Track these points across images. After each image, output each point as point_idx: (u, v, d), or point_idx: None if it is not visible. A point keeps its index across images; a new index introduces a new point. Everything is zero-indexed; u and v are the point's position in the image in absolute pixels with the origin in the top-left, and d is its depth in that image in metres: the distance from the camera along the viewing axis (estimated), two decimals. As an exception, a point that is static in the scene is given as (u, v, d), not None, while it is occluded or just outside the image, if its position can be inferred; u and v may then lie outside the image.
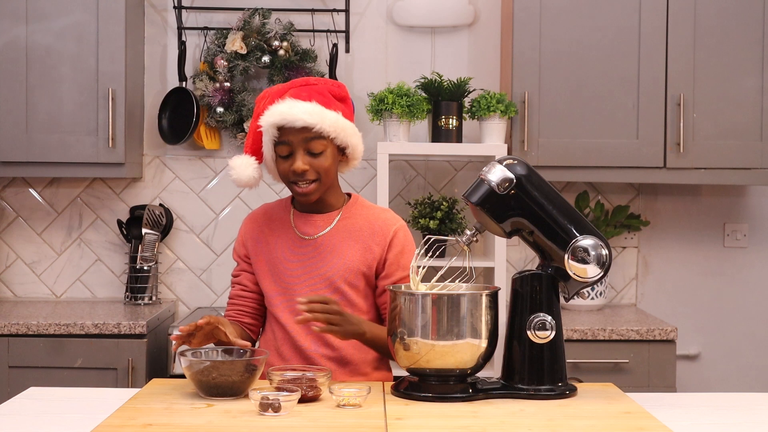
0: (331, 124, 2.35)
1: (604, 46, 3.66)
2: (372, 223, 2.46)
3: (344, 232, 2.45)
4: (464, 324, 2.12)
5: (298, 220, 2.48)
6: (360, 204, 2.52)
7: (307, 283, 2.43)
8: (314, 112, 2.33)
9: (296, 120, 2.32)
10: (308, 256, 2.43)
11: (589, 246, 2.16)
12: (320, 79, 2.47)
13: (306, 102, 2.34)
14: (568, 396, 2.19)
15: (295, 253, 2.45)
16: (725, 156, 3.67)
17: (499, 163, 2.19)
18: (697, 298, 4.11)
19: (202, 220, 4.04)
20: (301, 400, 2.11)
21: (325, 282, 2.41)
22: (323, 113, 2.34)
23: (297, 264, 2.44)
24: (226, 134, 4.00)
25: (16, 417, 2.09)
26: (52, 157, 3.65)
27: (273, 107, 2.36)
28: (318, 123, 2.33)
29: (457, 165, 4.03)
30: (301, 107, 2.33)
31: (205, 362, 2.12)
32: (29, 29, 3.63)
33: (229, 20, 3.97)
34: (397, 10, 4.00)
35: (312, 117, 2.32)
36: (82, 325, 3.42)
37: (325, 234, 2.45)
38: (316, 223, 2.46)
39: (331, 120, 2.35)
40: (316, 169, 2.37)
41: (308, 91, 2.38)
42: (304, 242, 2.45)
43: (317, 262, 2.43)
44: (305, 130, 2.34)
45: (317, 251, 2.43)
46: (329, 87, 2.43)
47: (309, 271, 2.43)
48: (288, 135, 2.35)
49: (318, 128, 2.33)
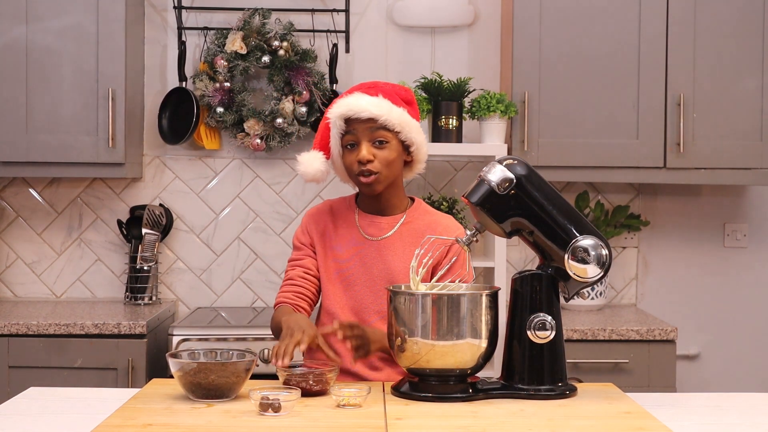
0: (397, 117, 2.40)
1: (605, 46, 3.67)
2: (434, 229, 2.49)
3: (407, 235, 2.48)
4: (464, 324, 2.12)
5: (363, 220, 2.51)
6: (423, 209, 2.56)
7: (367, 283, 2.45)
8: (381, 105, 2.39)
9: (362, 111, 2.38)
10: (370, 257, 2.47)
11: (589, 246, 2.16)
12: (388, 83, 2.52)
13: (373, 96, 2.41)
14: (568, 396, 2.19)
15: (358, 253, 2.48)
16: (725, 156, 3.67)
17: (499, 163, 2.19)
18: (697, 298, 4.11)
19: (202, 220, 4.04)
20: (307, 394, 2.13)
21: (386, 283, 2.43)
22: (390, 107, 2.40)
23: (359, 264, 2.47)
24: (226, 134, 4.00)
25: (16, 417, 2.09)
26: (52, 157, 3.65)
27: (341, 100, 2.42)
28: (384, 114, 2.38)
29: (457, 165, 4.03)
30: (368, 100, 2.40)
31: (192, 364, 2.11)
32: (29, 29, 3.63)
33: (229, 20, 3.97)
34: (397, 10, 4.00)
35: (379, 108, 2.38)
36: (82, 325, 3.42)
37: (388, 237, 2.48)
38: (381, 225, 2.49)
39: (397, 114, 2.40)
40: (381, 161, 2.40)
41: (376, 89, 2.44)
42: (367, 242, 2.48)
43: (377, 262, 2.46)
44: (371, 121, 2.39)
45: (379, 252, 2.46)
46: (396, 89, 2.49)
47: (370, 271, 2.46)
48: (354, 125, 2.40)
49: (384, 119, 2.38)
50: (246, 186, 4.03)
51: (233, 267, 4.03)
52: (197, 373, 2.08)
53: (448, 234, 2.48)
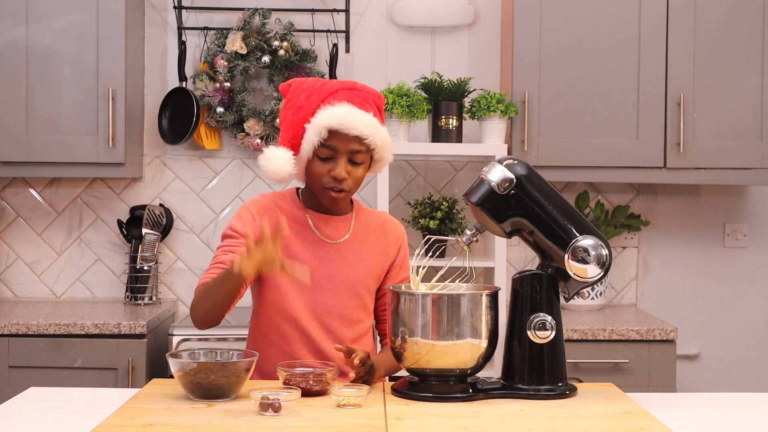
0: (381, 139, 2.35)
1: (604, 46, 3.67)
2: (382, 227, 2.48)
3: (362, 236, 2.45)
4: (464, 324, 2.12)
5: (317, 221, 2.43)
6: (362, 206, 2.53)
7: (329, 287, 2.40)
8: (371, 124, 2.32)
9: (353, 128, 2.30)
10: (331, 260, 2.41)
11: (589, 246, 2.16)
12: (364, 86, 2.42)
13: (364, 111, 2.33)
14: (568, 396, 2.19)
15: (317, 256, 2.40)
16: (725, 156, 3.67)
17: (499, 163, 2.19)
18: (697, 298, 4.11)
19: (202, 220, 4.04)
20: (307, 394, 2.13)
21: (347, 286, 2.40)
22: (377, 127, 2.34)
23: (319, 267, 2.39)
24: (226, 134, 4.00)
25: (16, 417, 2.09)
26: (52, 157, 3.65)
27: (331, 109, 2.31)
28: (371, 136, 2.32)
29: (457, 165, 4.03)
30: (360, 117, 2.31)
31: (192, 364, 2.11)
32: (29, 29, 3.63)
33: (229, 20, 3.97)
34: (397, 10, 4.00)
35: (368, 129, 2.31)
36: (82, 325, 3.42)
37: (347, 239, 2.44)
38: (336, 226, 2.44)
39: (381, 135, 2.35)
40: (353, 179, 2.36)
41: (360, 98, 2.35)
42: (326, 246, 2.42)
43: (340, 266, 2.41)
44: (357, 140, 2.32)
45: (340, 255, 2.41)
46: (374, 97, 2.40)
47: (331, 275, 2.40)
48: (337, 140, 2.32)
49: (370, 141, 2.32)
50: (246, 186, 4.03)
51: (233, 267, 4.02)
52: (197, 373, 2.08)
53: (396, 230, 2.50)
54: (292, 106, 2.37)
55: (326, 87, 2.36)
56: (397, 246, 2.49)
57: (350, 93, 2.35)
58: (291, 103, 2.38)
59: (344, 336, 2.41)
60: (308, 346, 2.39)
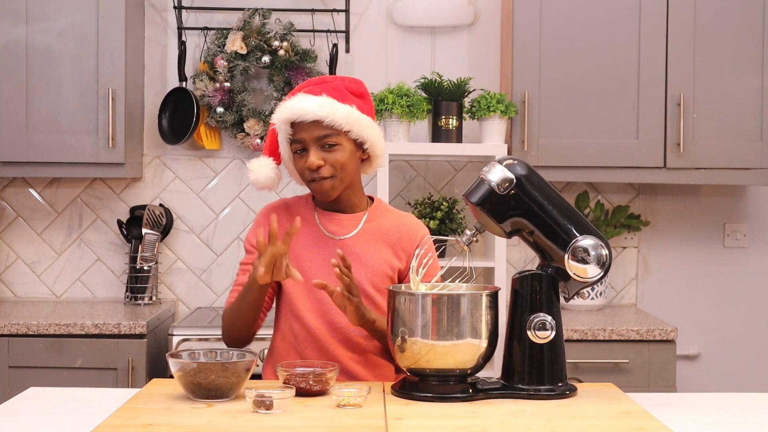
0: (342, 116, 2.31)
1: (604, 46, 3.67)
2: (399, 228, 2.45)
3: (371, 234, 2.43)
4: (464, 324, 2.12)
5: (323, 218, 2.44)
6: (384, 207, 2.50)
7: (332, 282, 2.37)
8: (325, 105, 2.31)
9: (306, 113, 2.30)
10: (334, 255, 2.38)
11: (589, 246, 2.16)
12: (337, 76, 2.44)
13: (317, 96, 2.33)
14: (568, 396, 2.19)
15: (321, 252, 2.41)
16: (725, 156, 3.67)
17: (499, 163, 2.19)
18: (697, 298, 4.11)
19: (202, 220, 4.04)
20: (307, 394, 2.13)
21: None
22: (335, 105, 2.31)
23: (323, 263, 2.39)
24: (226, 134, 4.00)
25: (16, 417, 2.09)
26: (52, 157, 3.65)
27: (284, 104, 2.35)
28: (329, 115, 2.30)
29: (457, 165, 4.03)
30: (311, 101, 2.31)
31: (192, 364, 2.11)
32: (29, 29, 3.63)
33: (229, 20, 3.97)
34: (397, 10, 4.00)
35: (322, 110, 2.30)
36: (82, 325, 3.42)
37: (353, 236, 2.42)
38: (342, 223, 2.43)
39: (342, 112, 2.31)
40: (332, 164, 2.33)
41: (321, 87, 2.36)
42: (331, 242, 2.41)
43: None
44: (317, 123, 2.31)
45: (346, 252, 2.38)
46: (345, 83, 2.39)
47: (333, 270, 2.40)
48: (300, 131, 2.33)
49: (329, 120, 2.30)
50: (246, 186, 4.03)
51: (233, 267, 4.03)
52: (197, 373, 2.08)
53: (414, 232, 2.46)
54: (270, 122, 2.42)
55: (295, 90, 2.40)
56: (412, 248, 2.44)
57: (312, 87, 2.37)
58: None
59: (351, 335, 2.40)
60: (315, 344, 2.39)
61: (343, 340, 2.40)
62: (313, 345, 2.40)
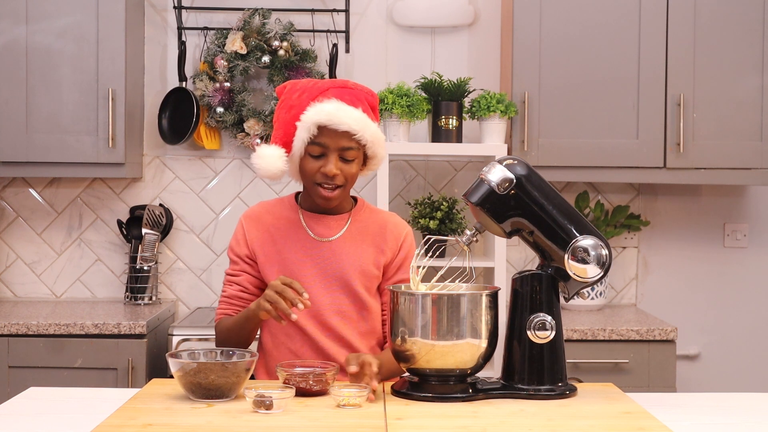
0: (371, 135, 2.35)
1: (604, 46, 3.67)
2: (383, 227, 2.47)
3: (357, 234, 2.45)
4: (464, 324, 2.12)
5: (309, 220, 2.46)
6: (367, 207, 2.52)
7: (323, 284, 2.41)
8: (360, 120, 2.32)
9: (342, 124, 2.31)
10: (323, 258, 2.42)
11: (589, 246, 2.16)
12: (357, 84, 2.43)
13: (352, 107, 2.33)
14: (568, 396, 2.19)
15: (309, 254, 2.42)
16: (725, 156, 3.67)
17: (499, 163, 2.19)
18: (697, 298, 4.11)
19: (202, 220, 4.04)
20: (307, 394, 2.13)
21: (340, 283, 2.41)
22: (367, 122, 2.34)
23: (311, 266, 2.42)
24: (226, 134, 4.00)
25: (16, 417, 2.09)
26: (52, 157, 3.65)
27: (320, 105, 2.32)
28: (361, 131, 2.32)
29: (457, 165, 4.03)
30: (349, 112, 2.32)
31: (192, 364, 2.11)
32: (29, 29, 3.63)
33: (229, 20, 3.97)
34: (397, 10, 4.00)
35: (357, 124, 2.32)
36: (82, 325, 3.42)
37: (339, 237, 2.44)
38: (329, 225, 2.45)
39: (372, 131, 2.35)
40: (346, 175, 2.37)
41: (351, 96, 2.36)
42: (318, 244, 2.43)
43: (332, 263, 2.42)
44: (346, 135, 2.33)
45: (333, 253, 2.42)
46: (366, 95, 2.40)
47: (324, 272, 2.42)
48: (327, 136, 2.33)
49: (360, 136, 2.33)
50: (246, 186, 4.03)
51: (233, 267, 4.02)
52: (197, 373, 2.08)
53: (398, 230, 2.46)
54: (285, 105, 2.40)
55: (318, 86, 2.39)
56: (396, 246, 2.47)
57: (341, 91, 2.37)
58: (284, 102, 2.41)
59: (344, 334, 2.41)
60: (309, 344, 2.41)
61: (336, 339, 2.42)
62: (307, 344, 2.42)
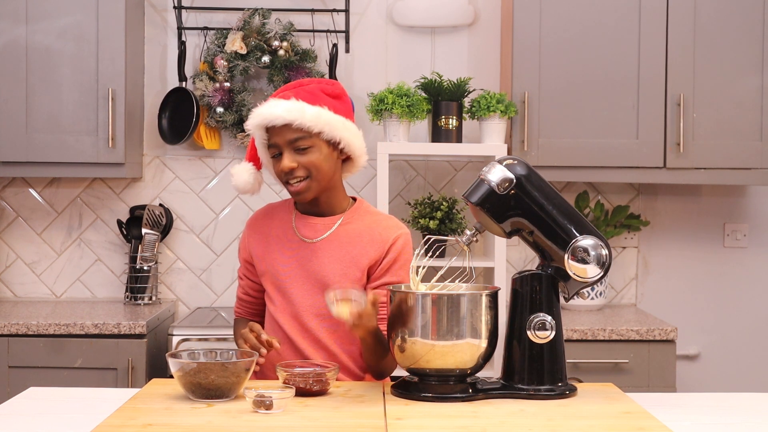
0: (311, 118, 2.33)
1: (604, 46, 3.67)
2: (372, 229, 2.43)
3: (344, 236, 2.42)
4: (464, 324, 2.12)
5: (299, 221, 2.47)
6: (364, 209, 2.49)
7: (305, 286, 2.41)
8: (293, 109, 2.33)
9: (275, 118, 2.33)
10: (306, 259, 2.42)
11: (589, 246, 2.16)
12: (314, 79, 2.47)
13: (286, 100, 2.35)
14: (568, 396, 2.19)
15: (292, 255, 2.44)
16: (725, 156, 3.67)
17: (499, 163, 2.19)
18: (697, 298, 4.11)
19: (202, 220, 4.04)
20: (307, 393, 2.14)
21: (322, 286, 2.39)
22: (303, 108, 2.33)
23: (293, 265, 2.43)
24: (226, 134, 4.00)
25: (16, 417, 2.10)
26: (52, 157, 3.65)
27: (256, 110, 2.39)
28: (297, 118, 2.32)
29: (457, 165, 4.03)
30: (280, 105, 2.34)
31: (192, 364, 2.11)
32: (29, 29, 3.63)
33: (229, 20, 3.97)
34: (397, 10, 4.00)
35: (290, 113, 2.32)
36: (82, 325, 3.42)
37: (323, 239, 2.43)
38: (316, 227, 2.44)
39: (311, 114, 2.33)
40: (305, 166, 2.35)
41: (295, 91, 2.38)
42: (303, 245, 2.43)
43: (314, 265, 2.41)
44: (287, 127, 2.34)
45: (314, 254, 2.41)
46: (321, 86, 2.42)
47: (306, 274, 2.41)
48: (274, 135, 2.37)
49: (298, 123, 2.32)
50: (246, 186, 4.03)
51: (233, 267, 4.03)
52: (197, 373, 2.08)
53: (389, 233, 2.42)
54: None
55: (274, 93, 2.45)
56: (383, 249, 2.40)
57: (286, 92, 2.40)
58: None
59: (321, 337, 2.40)
60: (288, 345, 2.42)
61: (313, 341, 2.41)
62: (286, 344, 2.42)
